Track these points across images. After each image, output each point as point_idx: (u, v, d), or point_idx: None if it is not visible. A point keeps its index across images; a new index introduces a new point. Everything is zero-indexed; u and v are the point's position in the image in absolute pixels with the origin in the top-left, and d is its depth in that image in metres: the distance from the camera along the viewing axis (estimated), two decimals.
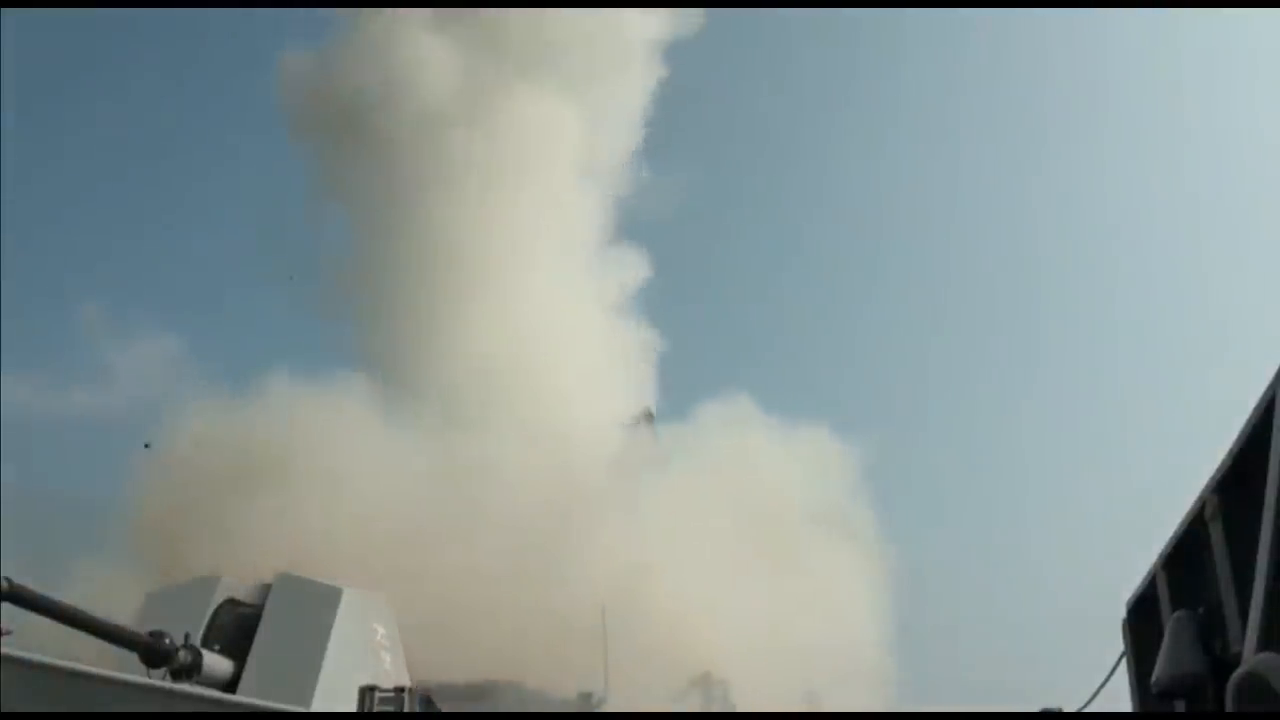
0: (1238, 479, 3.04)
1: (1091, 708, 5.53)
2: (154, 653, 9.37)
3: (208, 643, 10.55)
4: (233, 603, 11.46)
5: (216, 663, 10.29)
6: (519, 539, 18.11)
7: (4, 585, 7.71)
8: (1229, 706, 2.70)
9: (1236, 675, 2.67)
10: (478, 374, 22.03)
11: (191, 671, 9.73)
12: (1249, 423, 2.88)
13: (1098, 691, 5.27)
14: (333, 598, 11.51)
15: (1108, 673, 4.99)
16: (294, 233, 27.19)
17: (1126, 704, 4.84)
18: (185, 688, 9.18)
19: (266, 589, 11.60)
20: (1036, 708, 6.91)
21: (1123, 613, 4.79)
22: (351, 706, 9.92)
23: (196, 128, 48.28)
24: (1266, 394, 2.74)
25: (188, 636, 9.94)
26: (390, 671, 11.75)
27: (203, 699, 8.56)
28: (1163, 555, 4.00)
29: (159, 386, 24.86)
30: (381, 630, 12.27)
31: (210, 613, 11.16)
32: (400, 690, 10.23)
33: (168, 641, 9.51)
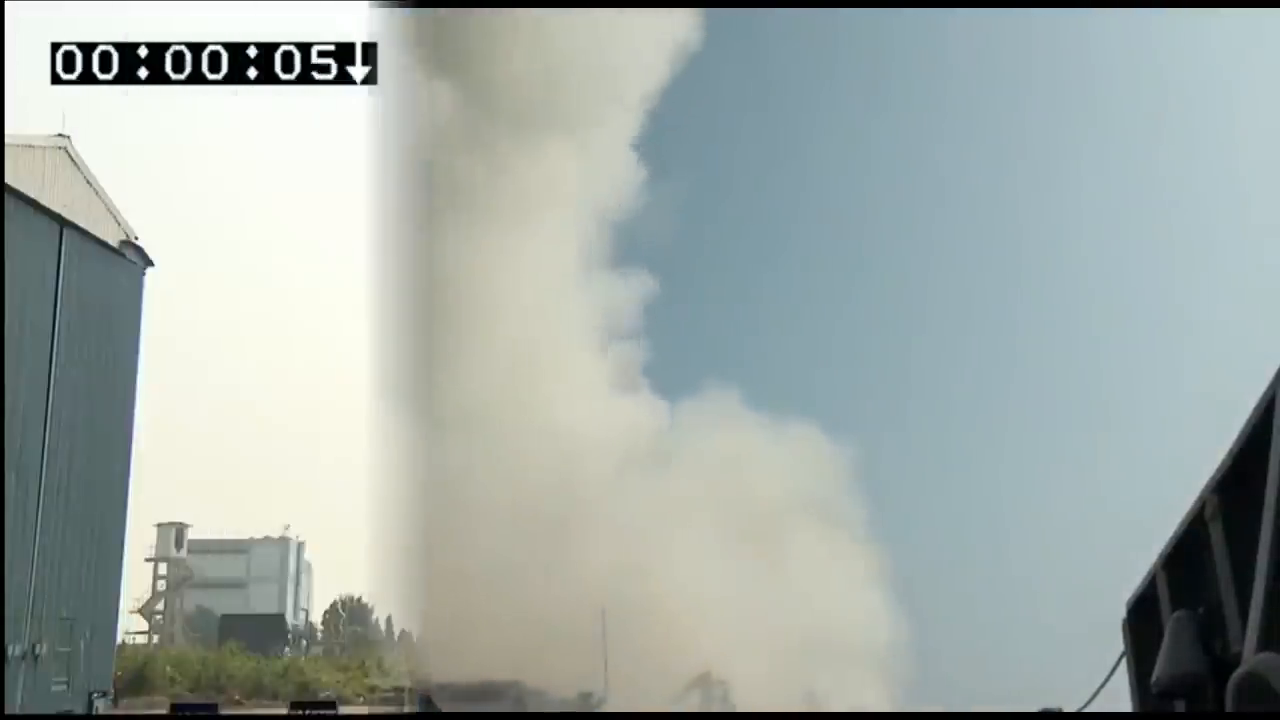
0: (1238, 479, 3.04)
1: (1091, 708, 5.53)
2: None
3: None
4: None
5: None
6: (519, 540, 18.09)
7: None
8: (1229, 706, 2.71)
9: (1236, 675, 2.67)
10: (478, 378, 22.04)
11: None
12: (1249, 423, 2.88)
13: (1097, 691, 5.27)
14: None
15: (1108, 673, 4.99)
16: None
17: (1126, 704, 4.83)
18: None
19: None
20: (1036, 708, 6.91)
21: (1122, 613, 4.78)
22: None
23: None
24: (1266, 394, 2.74)
25: None
26: None
27: None
28: (1163, 555, 4.00)
29: None
30: None
31: None
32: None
33: None
